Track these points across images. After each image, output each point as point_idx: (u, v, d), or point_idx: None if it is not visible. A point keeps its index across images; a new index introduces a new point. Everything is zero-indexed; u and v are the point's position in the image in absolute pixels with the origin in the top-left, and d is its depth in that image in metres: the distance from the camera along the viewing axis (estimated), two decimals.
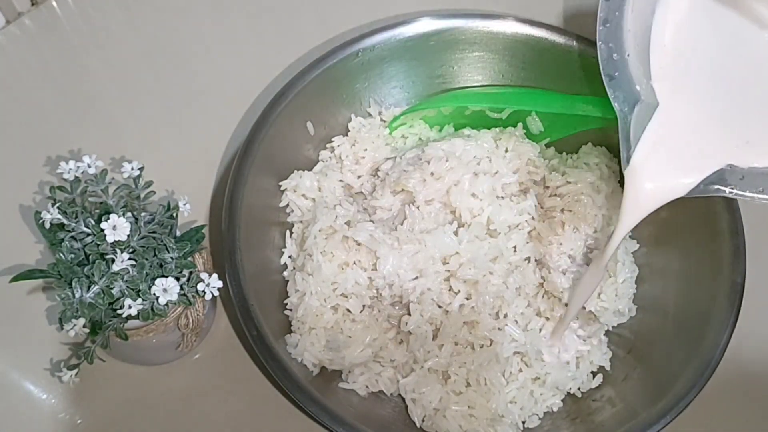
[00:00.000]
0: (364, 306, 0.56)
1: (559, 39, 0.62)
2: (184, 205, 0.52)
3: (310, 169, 0.62)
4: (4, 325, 0.58)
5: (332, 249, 0.55)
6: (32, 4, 0.72)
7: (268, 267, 0.58)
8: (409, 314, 0.55)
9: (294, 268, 0.58)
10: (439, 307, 0.55)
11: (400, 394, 0.56)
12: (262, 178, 0.58)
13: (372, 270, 0.55)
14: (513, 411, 0.54)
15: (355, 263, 0.55)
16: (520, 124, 0.62)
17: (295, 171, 0.61)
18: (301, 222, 0.60)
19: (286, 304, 0.57)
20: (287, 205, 0.60)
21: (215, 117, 0.67)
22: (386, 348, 0.56)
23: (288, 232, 0.60)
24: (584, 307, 0.56)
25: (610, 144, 0.62)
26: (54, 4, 0.72)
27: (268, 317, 0.54)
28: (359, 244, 0.55)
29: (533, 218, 0.57)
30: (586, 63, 0.62)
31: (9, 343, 0.58)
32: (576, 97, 0.59)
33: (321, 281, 0.55)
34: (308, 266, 0.55)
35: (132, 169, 0.50)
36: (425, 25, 0.62)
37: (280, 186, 0.60)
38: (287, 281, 0.58)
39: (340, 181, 0.61)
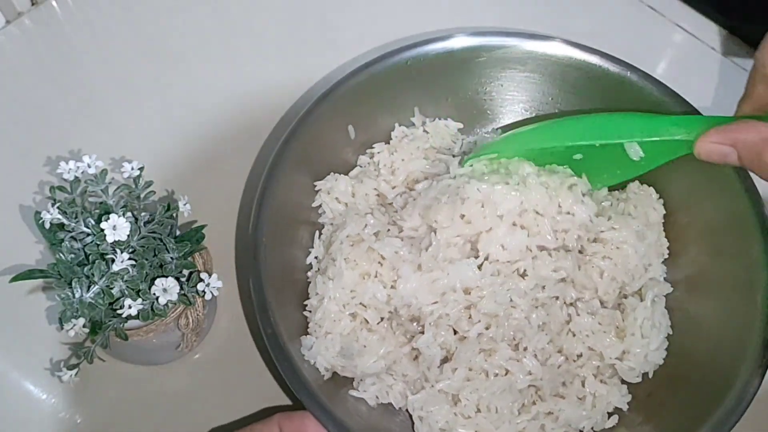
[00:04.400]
0: (381, 318, 0.55)
1: (612, 68, 0.60)
2: (184, 205, 0.52)
3: (347, 173, 0.61)
4: (4, 325, 0.58)
5: (356, 257, 0.54)
6: (32, 4, 0.72)
7: (292, 265, 0.57)
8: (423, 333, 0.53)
9: (318, 270, 0.57)
10: (455, 332, 0.53)
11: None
12: (298, 175, 0.58)
13: (391, 287, 0.54)
14: None
15: (376, 276, 0.54)
16: (584, 176, 0.56)
17: (332, 173, 0.60)
18: (331, 224, 0.59)
19: (306, 305, 0.56)
20: (320, 205, 0.60)
21: (215, 117, 0.67)
22: (400, 362, 0.54)
23: (317, 233, 0.59)
24: (603, 357, 0.54)
25: (657, 183, 0.60)
26: (54, 4, 0.72)
27: (286, 316, 0.53)
28: (383, 258, 0.54)
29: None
30: (639, 94, 0.59)
31: (9, 343, 0.58)
32: (663, 118, 0.52)
33: (341, 287, 0.54)
34: (330, 270, 0.55)
35: (132, 169, 0.51)
36: (475, 41, 0.61)
37: (315, 186, 0.60)
38: (310, 282, 0.57)
39: (375, 189, 0.60)
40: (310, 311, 0.56)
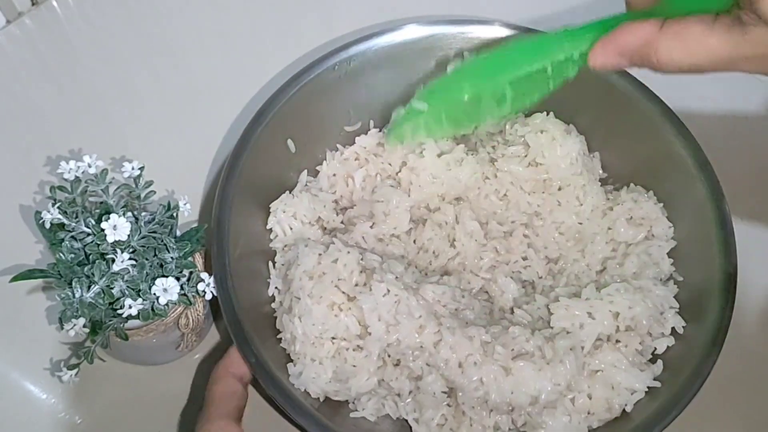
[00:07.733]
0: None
1: None
2: (185, 204, 0.51)
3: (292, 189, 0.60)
4: (4, 325, 0.58)
5: (320, 292, 0.52)
6: (32, 4, 0.72)
7: (259, 300, 0.56)
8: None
9: (281, 303, 0.55)
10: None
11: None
12: (247, 204, 0.56)
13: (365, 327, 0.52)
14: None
15: (349, 309, 0.52)
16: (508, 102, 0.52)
17: (286, 192, 0.59)
18: (283, 248, 0.57)
19: (280, 338, 0.54)
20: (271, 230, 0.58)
21: (215, 117, 0.67)
22: (391, 375, 0.53)
23: (271, 263, 0.57)
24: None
25: (558, 112, 0.60)
26: (54, 4, 0.72)
27: (267, 349, 0.52)
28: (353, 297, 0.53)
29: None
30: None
31: (9, 343, 0.58)
32: (557, 36, 0.48)
33: (311, 324, 0.52)
34: (296, 308, 0.53)
35: (132, 168, 0.50)
36: (403, 34, 0.60)
37: (270, 208, 0.58)
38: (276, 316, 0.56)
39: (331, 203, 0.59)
40: (284, 346, 0.54)
